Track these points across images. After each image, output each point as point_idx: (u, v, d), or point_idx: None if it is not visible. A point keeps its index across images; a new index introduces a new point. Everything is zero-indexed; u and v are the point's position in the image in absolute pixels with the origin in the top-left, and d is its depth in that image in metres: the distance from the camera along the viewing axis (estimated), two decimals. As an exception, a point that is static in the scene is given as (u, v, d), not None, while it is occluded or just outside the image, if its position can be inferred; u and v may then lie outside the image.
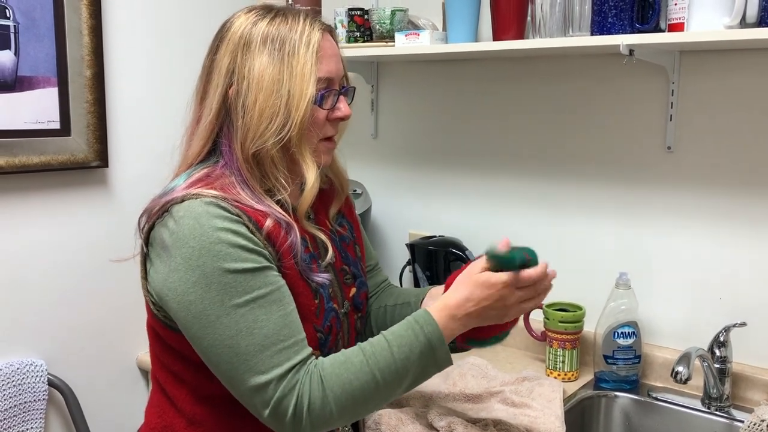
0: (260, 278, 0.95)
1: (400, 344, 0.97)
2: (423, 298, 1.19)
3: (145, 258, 1.02)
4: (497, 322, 1.04)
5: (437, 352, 0.98)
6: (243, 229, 0.95)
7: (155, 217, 0.99)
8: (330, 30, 1.08)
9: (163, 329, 1.03)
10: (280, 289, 0.97)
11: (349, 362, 0.96)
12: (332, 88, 1.05)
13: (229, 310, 0.93)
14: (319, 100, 1.02)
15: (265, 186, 1.03)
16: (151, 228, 0.99)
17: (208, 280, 0.93)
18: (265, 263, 0.96)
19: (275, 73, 0.99)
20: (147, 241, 1.01)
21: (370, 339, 0.99)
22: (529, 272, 1.01)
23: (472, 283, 1.01)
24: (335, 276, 1.12)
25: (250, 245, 0.95)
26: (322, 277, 1.05)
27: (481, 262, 1.03)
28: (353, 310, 1.15)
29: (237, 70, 1.01)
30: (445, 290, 1.08)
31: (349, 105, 1.09)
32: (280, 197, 1.03)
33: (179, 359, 1.04)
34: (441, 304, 1.01)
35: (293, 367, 0.94)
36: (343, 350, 0.99)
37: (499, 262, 1.01)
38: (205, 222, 0.94)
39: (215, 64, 1.04)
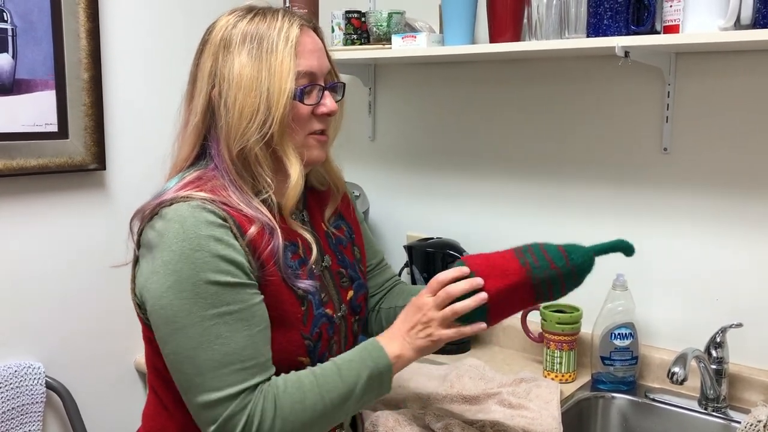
0: (232, 294, 0.94)
1: (350, 368, 0.99)
2: None
3: (137, 260, 1.02)
4: (430, 342, 1.02)
5: (383, 377, 1.00)
6: (227, 236, 0.95)
7: (147, 219, 0.99)
8: (313, 26, 1.08)
9: (151, 332, 1.03)
10: (251, 308, 0.96)
11: (299, 382, 0.97)
12: (315, 83, 1.04)
13: (195, 321, 0.93)
14: (299, 96, 1.02)
15: (255, 188, 1.03)
16: (142, 230, 1.00)
17: (182, 287, 0.93)
18: (242, 279, 0.96)
19: (254, 71, 0.99)
20: (139, 243, 1.01)
21: (321, 364, 1.01)
22: (454, 287, 1.01)
23: (410, 307, 1.05)
24: (332, 279, 1.12)
25: (231, 254, 0.95)
26: (306, 284, 1.04)
27: (433, 281, 1.03)
28: (350, 313, 1.15)
29: (218, 71, 1.01)
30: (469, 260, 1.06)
31: (339, 101, 1.09)
32: (265, 195, 1.02)
33: None
34: (388, 331, 1.05)
35: (247, 389, 0.94)
36: (295, 371, 1.00)
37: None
38: (190, 227, 0.94)
39: (199, 68, 1.05)
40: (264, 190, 1.03)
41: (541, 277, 1.02)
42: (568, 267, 1.02)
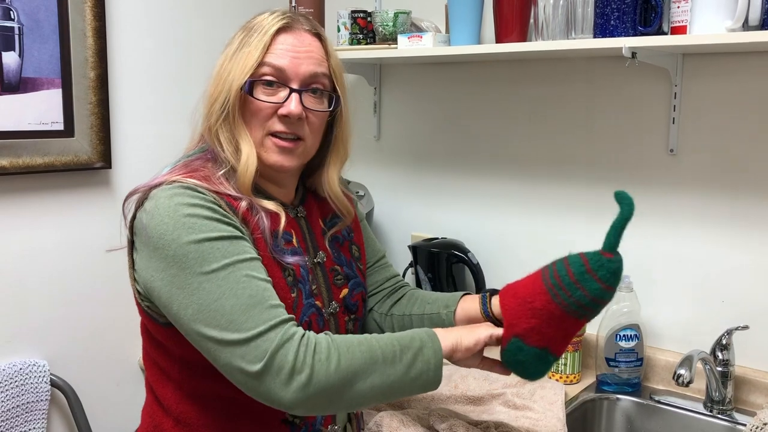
0: (238, 246, 0.95)
1: (401, 333, 0.98)
2: (455, 310, 1.16)
3: (132, 248, 1.03)
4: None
5: (436, 353, 0.97)
6: (219, 208, 0.97)
7: (138, 205, 1.01)
8: (315, 32, 1.08)
9: (150, 322, 1.04)
10: (258, 261, 0.97)
11: (350, 335, 0.96)
12: (281, 82, 1.04)
13: (210, 276, 0.92)
14: (247, 88, 1.03)
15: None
16: (134, 217, 1.01)
17: (185, 251, 0.93)
18: (241, 235, 0.97)
19: (226, 60, 1.05)
20: (131, 230, 1.02)
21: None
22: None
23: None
24: (324, 276, 1.12)
25: (225, 219, 0.96)
26: (294, 259, 1.04)
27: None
28: (344, 311, 1.15)
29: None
30: (501, 301, 1.06)
31: (326, 111, 1.08)
32: (225, 169, 1.04)
33: (166, 355, 1.04)
34: (452, 334, 1.02)
35: (288, 320, 0.93)
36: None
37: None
38: (180, 200, 0.96)
39: None
40: (225, 166, 1.04)
41: (575, 307, 1.00)
42: (601, 288, 0.99)
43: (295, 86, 1.04)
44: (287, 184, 1.13)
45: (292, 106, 1.03)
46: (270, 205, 1.05)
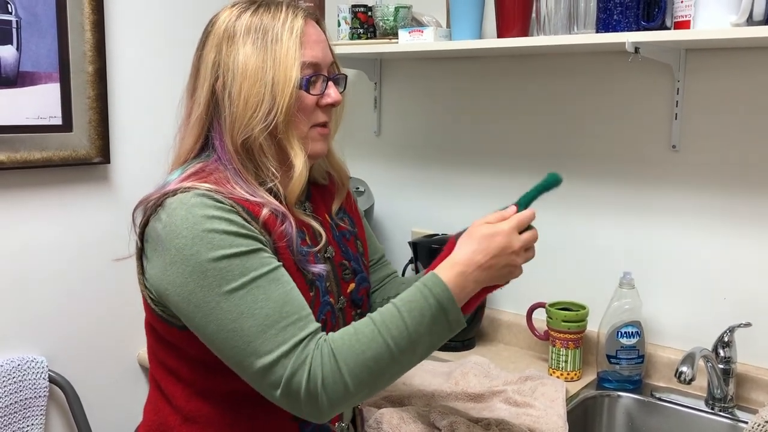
0: (255, 259, 0.94)
1: (410, 309, 0.94)
2: None
3: (141, 254, 1.01)
4: (508, 273, 1.02)
5: (449, 314, 0.95)
6: (236, 218, 0.95)
7: (150, 212, 0.99)
8: (316, 18, 1.08)
9: (161, 324, 1.02)
10: (277, 269, 0.96)
11: (359, 333, 0.93)
12: (319, 73, 1.05)
13: (228, 295, 0.92)
14: (305, 85, 1.03)
15: (259, 178, 1.03)
16: (146, 224, 0.99)
17: (204, 268, 0.92)
18: (260, 246, 0.96)
19: (259, 61, 1.00)
20: (142, 236, 1.00)
21: (379, 309, 0.97)
22: (525, 212, 1.05)
23: (476, 236, 1.01)
24: (333, 271, 1.12)
25: (243, 231, 0.95)
26: (319, 268, 1.05)
27: (481, 221, 1.04)
28: (351, 306, 1.14)
29: (222, 62, 1.02)
30: (445, 256, 1.05)
31: (341, 93, 1.10)
32: (271, 185, 1.03)
33: (175, 355, 1.03)
34: (448, 262, 0.99)
35: (300, 342, 0.92)
36: (352, 323, 0.97)
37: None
38: (197, 212, 0.94)
39: (202, 60, 1.05)
40: (269, 179, 1.03)
41: None
42: None
43: (326, 74, 1.06)
44: None
45: (335, 93, 1.06)
46: (314, 222, 1.07)
